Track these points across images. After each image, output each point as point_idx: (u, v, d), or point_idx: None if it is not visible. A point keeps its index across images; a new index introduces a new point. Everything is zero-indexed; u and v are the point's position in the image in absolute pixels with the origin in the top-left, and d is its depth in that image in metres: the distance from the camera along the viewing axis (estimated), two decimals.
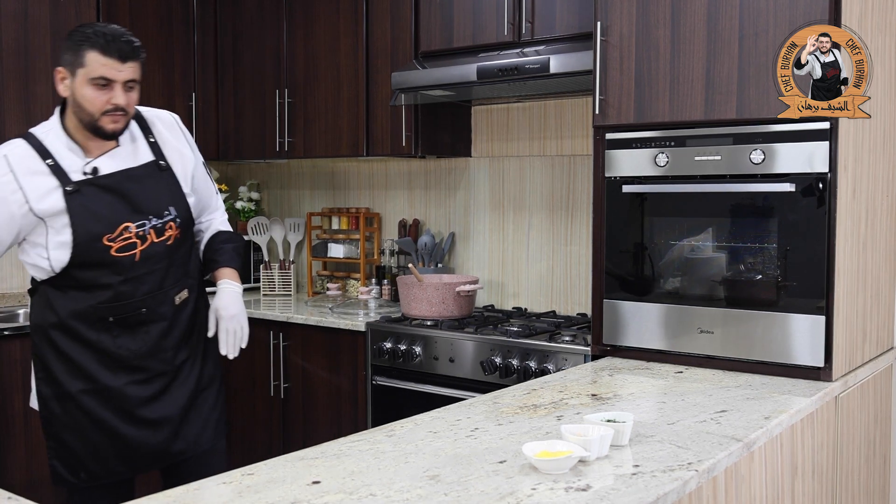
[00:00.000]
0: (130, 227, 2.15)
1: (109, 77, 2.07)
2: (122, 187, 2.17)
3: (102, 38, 2.06)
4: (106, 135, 2.13)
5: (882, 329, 2.69)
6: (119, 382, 2.19)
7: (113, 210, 2.14)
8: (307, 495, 1.41)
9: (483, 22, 3.27)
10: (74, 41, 2.08)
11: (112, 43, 2.06)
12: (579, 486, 1.44)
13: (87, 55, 2.06)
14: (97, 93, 2.08)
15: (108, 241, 2.13)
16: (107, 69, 2.06)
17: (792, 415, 1.98)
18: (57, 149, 2.13)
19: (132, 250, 2.16)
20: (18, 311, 3.76)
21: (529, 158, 3.67)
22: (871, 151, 2.49)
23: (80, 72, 2.07)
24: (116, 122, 2.12)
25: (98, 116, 2.10)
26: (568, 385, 2.23)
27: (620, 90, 2.56)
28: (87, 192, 2.12)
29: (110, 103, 2.09)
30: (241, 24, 4.18)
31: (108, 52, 2.06)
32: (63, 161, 2.12)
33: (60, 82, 2.13)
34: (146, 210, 2.19)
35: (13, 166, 2.09)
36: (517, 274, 3.73)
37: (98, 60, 2.06)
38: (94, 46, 2.06)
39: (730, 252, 2.43)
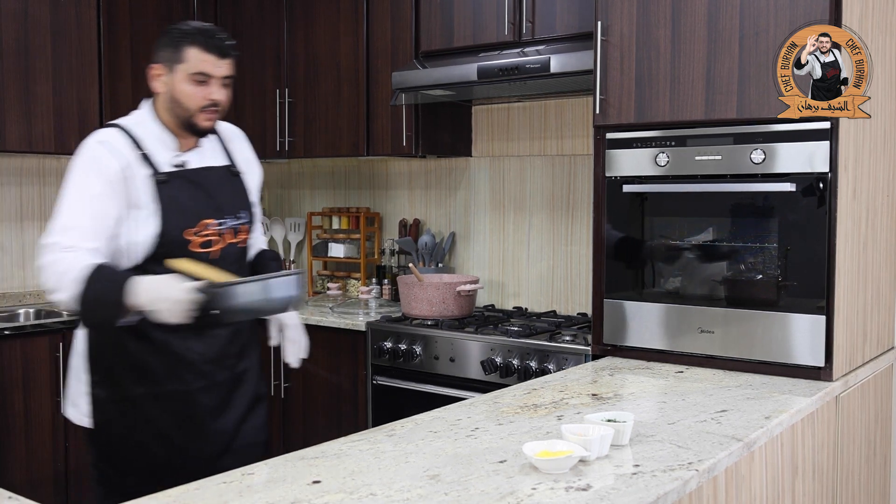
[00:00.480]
0: (211, 223, 2.15)
1: (208, 72, 2.10)
2: (208, 183, 2.18)
3: (203, 34, 2.09)
4: (200, 131, 2.15)
5: (882, 329, 2.69)
6: (186, 388, 2.13)
7: (197, 204, 2.14)
8: (307, 495, 1.41)
9: (483, 21, 3.27)
10: (174, 38, 2.11)
11: (211, 39, 2.10)
12: (580, 486, 1.44)
13: (188, 51, 2.08)
14: (196, 88, 2.10)
15: (189, 236, 2.11)
16: (207, 65, 2.09)
17: (792, 414, 1.98)
18: (147, 140, 2.13)
19: (209, 248, 2.15)
20: (19, 311, 3.76)
21: (530, 158, 3.67)
22: (871, 151, 2.49)
23: (180, 67, 2.10)
24: (210, 118, 2.14)
25: (195, 112, 2.12)
26: (568, 385, 2.23)
27: (621, 90, 2.55)
28: (175, 183, 2.12)
29: (207, 99, 2.11)
30: (242, 23, 4.18)
31: (208, 49, 2.09)
32: (153, 152, 2.13)
33: (155, 78, 2.15)
34: (225, 209, 2.19)
35: (113, 149, 2.08)
36: (517, 274, 3.73)
37: (198, 56, 2.08)
38: (194, 43, 2.08)
39: (730, 252, 2.43)
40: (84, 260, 1.98)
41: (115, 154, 2.07)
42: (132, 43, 3.94)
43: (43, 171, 4.00)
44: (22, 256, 3.93)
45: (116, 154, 2.08)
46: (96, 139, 2.11)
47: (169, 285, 1.92)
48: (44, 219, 4.00)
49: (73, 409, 2.21)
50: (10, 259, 3.90)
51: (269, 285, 1.95)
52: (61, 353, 3.41)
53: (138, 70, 3.97)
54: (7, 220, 3.89)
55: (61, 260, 1.99)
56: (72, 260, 1.98)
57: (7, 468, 3.27)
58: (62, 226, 2.04)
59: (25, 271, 3.95)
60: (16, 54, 3.54)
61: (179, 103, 2.12)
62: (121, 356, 2.11)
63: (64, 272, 1.97)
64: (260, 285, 1.95)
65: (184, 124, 2.14)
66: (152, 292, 1.92)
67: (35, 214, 3.98)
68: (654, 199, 2.55)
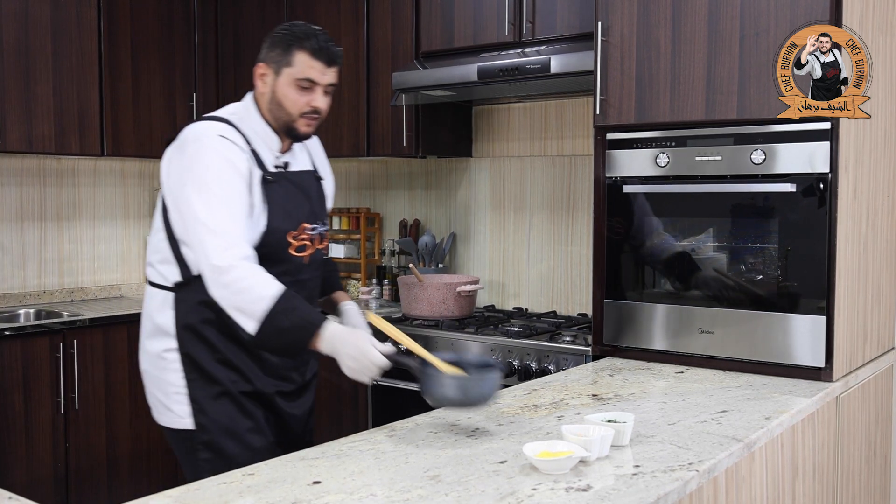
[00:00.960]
0: (307, 227, 2.12)
1: (314, 79, 2.05)
2: (307, 186, 2.16)
3: (314, 39, 2.03)
4: (298, 137, 2.11)
5: (883, 329, 2.69)
6: (271, 390, 2.11)
7: (298, 207, 2.11)
8: (308, 495, 1.41)
9: (484, 22, 3.27)
10: (283, 40, 2.05)
11: (321, 46, 2.04)
12: (580, 487, 1.44)
13: (296, 55, 2.03)
14: (299, 94, 2.05)
15: (290, 238, 2.08)
16: (314, 71, 2.04)
17: (793, 415, 1.98)
18: (252, 137, 2.09)
19: (304, 252, 2.12)
20: (19, 311, 3.76)
21: (530, 158, 3.67)
22: (871, 151, 2.48)
23: (286, 71, 2.05)
24: (310, 125, 2.10)
25: (296, 118, 2.07)
26: (568, 385, 2.23)
27: (621, 90, 2.55)
28: (281, 184, 2.08)
29: (310, 105, 2.06)
30: (242, 24, 4.18)
31: (317, 55, 2.03)
32: (259, 151, 2.08)
33: (259, 78, 2.10)
34: (318, 214, 2.18)
35: (237, 145, 2.02)
36: (518, 274, 3.73)
37: (306, 62, 2.03)
38: (303, 48, 2.03)
39: (730, 252, 2.43)
40: (271, 284, 1.90)
41: (239, 150, 2.01)
42: (133, 43, 3.94)
43: (43, 172, 4.00)
44: (22, 257, 3.93)
45: (240, 150, 2.02)
46: (216, 133, 2.01)
47: (366, 346, 1.84)
48: (44, 219, 4.01)
49: (167, 414, 2.11)
50: (10, 259, 3.90)
51: (469, 383, 1.78)
52: (61, 353, 3.41)
53: (138, 70, 3.97)
54: (7, 221, 3.89)
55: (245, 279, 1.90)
56: (256, 280, 1.90)
57: (7, 468, 3.26)
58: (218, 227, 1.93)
59: (26, 272, 3.95)
60: (16, 54, 3.54)
61: (281, 106, 2.07)
62: (210, 353, 2.06)
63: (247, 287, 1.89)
64: (460, 381, 1.78)
65: (283, 128, 2.09)
66: (349, 347, 1.85)
67: (35, 215, 3.98)
68: (655, 200, 2.55)
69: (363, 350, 1.84)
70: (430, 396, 1.78)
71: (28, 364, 3.33)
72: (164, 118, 4.08)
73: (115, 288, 4.26)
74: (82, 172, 4.14)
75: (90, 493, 3.51)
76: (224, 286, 1.91)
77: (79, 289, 4.12)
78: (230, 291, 1.90)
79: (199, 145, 1.99)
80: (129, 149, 3.96)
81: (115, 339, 3.62)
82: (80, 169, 4.13)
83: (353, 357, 1.85)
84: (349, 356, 1.85)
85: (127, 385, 3.65)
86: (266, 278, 1.91)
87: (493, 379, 1.79)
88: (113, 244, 4.27)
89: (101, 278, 4.23)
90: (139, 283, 4.35)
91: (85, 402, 3.50)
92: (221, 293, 1.92)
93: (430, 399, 1.79)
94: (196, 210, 1.94)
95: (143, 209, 4.40)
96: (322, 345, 1.88)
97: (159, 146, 4.07)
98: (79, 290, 4.11)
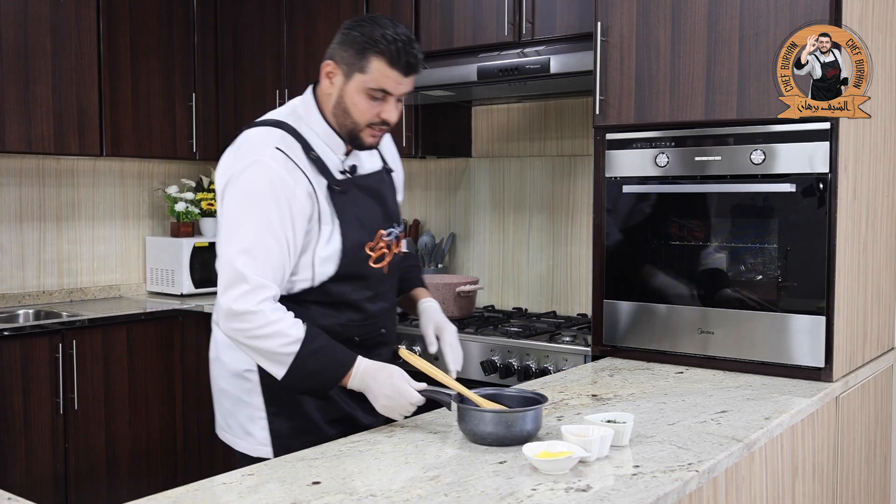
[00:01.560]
0: (383, 234, 1.95)
1: (388, 90, 1.85)
2: (379, 189, 1.98)
3: (394, 46, 1.81)
4: (362, 147, 1.92)
5: (882, 329, 2.69)
6: (356, 413, 1.97)
7: (372, 214, 1.94)
8: (307, 496, 1.41)
9: (483, 22, 3.26)
10: (360, 42, 1.83)
11: (401, 54, 1.82)
12: (579, 487, 1.44)
13: (372, 62, 1.82)
14: (369, 103, 1.85)
15: (369, 250, 1.92)
16: (389, 81, 1.83)
17: (792, 415, 1.98)
18: (314, 141, 1.90)
19: (383, 262, 1.96)
20: (18, 311, 3.76)
21: (530, 159, 3.67)
22: (871, 152, 2.48)
23: (358, 77, 1.84)
24: (377, 136, 1.91)
25: (363, 127, 1.88)
26: (568, 385, 2.23)
27: (621, 90, 2.55)
28: (350, 193, 1.90)
29: (379, 117, 1.87)
30: (242, 24, 4.18)
31: (395, 64, 1.82)
32: (323, 156, 1.90)
33: (326, 77, 1.90)
34: (393, 216, 2.01)
35: (293, 156, 1.83)
36: (517, 274, 3.72)
37: (382, 71, 1.82)
38: (382, 54, 1.81)
39: (730, 252, 2.43)
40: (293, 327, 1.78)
41: (295, 167, 1.82)
42: (132, 43, 3.94)
43: (42, 172, 4.00)
44: (21, 257, 3.93)
45: (296, 167, 1.82)
46: (270, 145, 1.83)
47: (400, 382, 1.75)
48: (43, 219, 4.00)
49: (246, 439, 1.98)
50: (9, 260, 3.90)
51: (511, 417, 1.67)
52: (60, 353, 3.41)
53: (138, 71, 3.97)
54: (6, 221, 3.89)
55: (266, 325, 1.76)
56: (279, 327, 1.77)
57: (6, 469, 3.26)
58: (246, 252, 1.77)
59: (25, 272, 3.95)
60: (15, 55, 3.53)
61: (348, 114, 1.87)
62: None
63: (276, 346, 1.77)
64: (502, 415, 1.68)
65: (346, 135, 1.90)
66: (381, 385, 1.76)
67: (34, 215, 3.98)
68: (654, 200, 2.55)
69: (397, 387, 1.76)
70: (469, 433, 1.68)
71: (27, 364, 3.33)
72: (164, 119, 4.08)
73: (115, 288, 4.26)
74: (81, 173, 4.14)
75: (89, 494, 3.51)
76: (242, 332, 1.79)
77: (78, 289, 4.12)
78: (250, 338, 1.78)
79: (251, 161, 1.81)
80: (128, 149, 3.96)
81: (115, 339, 3.62)
82: (80, 169, 4.13)
83: (386, 395, 1.77)
84: (383, 394, 1.77)
85: (126, 385, 3.65)
86: (288, 322, 1.78)
87: (537, 412, 1.68)
88: (112, 244, 4.27)
89: (101, 279, 4.23)
90: (138, 284, 4.35)
91: (84, 403, 3.49)
92: (238, 337, 1.80)
93: (469, 436, 1.69)
94: (227, 239, 1.81)
95: (143, 209, 4.40)
96: (353, 382, 1.80)
97: (158, 147, 4.08)
98: (78, 291, 4.11)
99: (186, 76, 4.18)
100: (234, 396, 2.00)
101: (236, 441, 2.01)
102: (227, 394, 2.02)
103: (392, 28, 1.83)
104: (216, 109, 4.29)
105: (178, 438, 3.86)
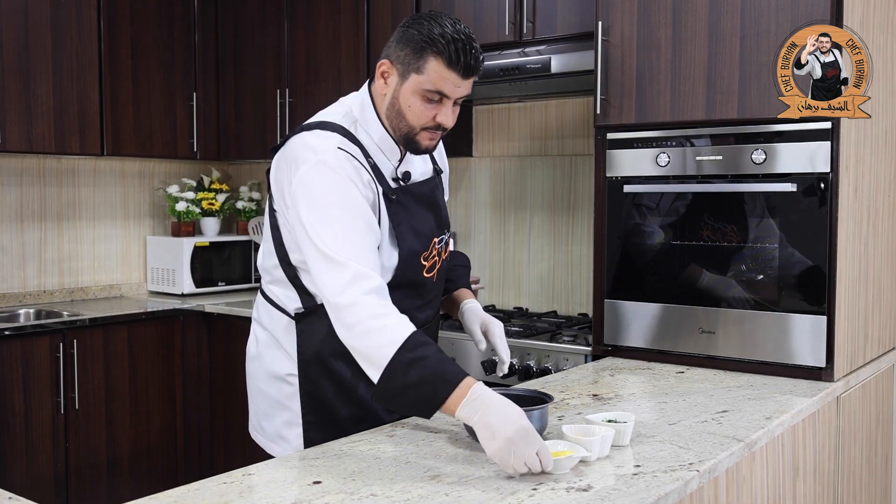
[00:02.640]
0: (436, 242, 1.88)
1: (446, 92, 1.74)
2: (433, 196, 1.91)
3: (453, 45, 1.70)
4: (418, 150, 1.82)
5: (884, 329, 2.69)
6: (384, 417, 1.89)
7: (426, 222, 1.86)
8: (308, 495, 1.41)
9: (484, 22, 3.26)
10: (417, 40, 1.73)
11: (461, 54, 1.71)
12: (580, 487, 1.44)
13: (429, 62, 1.72)
14: (425, 106, 1.76)
15: (424, 260, 1.84)
16: (446, 83, 1.73)
17: (793, 415, 1.98)
18: (370, 147, 1.81)
19: (434, 270, 1.89)
20: (19, 311, 3.76)
21: (531, 158, 3.67)
22: (872, 151, 2.48)
23: (415, 77, 1.74)
24: (433, 139, 1.81)
25: (418, 131, 1.78)
26: (569, 385, 2.23)
27: (622, 90, 2.55)
28: (405, 201, 1.82)
29: (435, 121, 1.77)
30: (242, 24, 4.18)
31: (453, 66, 1.71)
32: (379, 163, 1.81)
33: (381, 76, 1.80)
34: (445, 224, 1.93)
35: (358, 161, 1.75)
36: (518, 274, 3.72)
37: (440, 72, 1.72)
38: (440, 54, 1.71)
39: (731, 252, 2.43)
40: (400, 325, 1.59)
41: (360, 167, 1.74)
42: (133, 43, 3.94)
43: (43, 172, 4.00)
44: (22, 257, 3.93)
45: (360, 167, 1.74)
46: (332, 146, 1.73)
47: (532, 429, 1.47)
48: (44, 219, 4.00)
49: (280, 444, 1.93)
50: (10, 259, 3.90)
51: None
52: (61, 353, 3.41)
53: (138, 70, 3.97)
54: (7, 221, 3.89)
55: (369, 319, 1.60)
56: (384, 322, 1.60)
57: (7, 469, 3.26)
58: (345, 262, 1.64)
59: (26, 271, 3.95)
60: (16, 54, 3.54)
61: (402, 116, 1.78)
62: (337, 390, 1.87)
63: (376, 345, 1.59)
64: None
65: (401, 138, 1.81)
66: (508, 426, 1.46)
67: (35, 215, 3.98)
68: (655, 200, 2.55)
69: (528, 432, 1.46)
70: (473, 433, 1.60)
71: (28, 364, 3.33)
72: (164, 118, 4.09)
73: (116, 288, 4.26)
74: (82, 172, 4.14)
75: (90, 494, 3.51)
76: (348, 328, 1.63)
77: (79, 289, 4.12)
78: (353, 335, 1.62)
79: (316, 161, 1.71)
80: (129, 149, 3.96)
81: (116, 338, 3.62)
82: (80, 169, 4.13)
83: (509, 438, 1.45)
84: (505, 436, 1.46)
85: (127, 385, 3.65)
86: (396, 319, 1.61)
87: (542, 411, 1.66)
88: (113, 244, 4.27)
89: (101, 278, 4.23)
90: (139, 283, 4.35)
91: (85, 402, 3.50)
92: (345, 335, 1.64)
93: (473, 436, 1.62)
94: (314, 238, 1.68)
95: (143, 209, 4.40)
96: (464, 410, 1.51)
97: (159, 146, 4.08)
98: (79, 290, 4.11)
99: (187, 76, 4.18)
100: (273, 399, 1.94)
101: (269, 445, 1.96)
102: (264, 395, 1.96)
103: (452, 27, 1.73)
104: (217, 109, 4.29)
105: (178, 438, 3.86)
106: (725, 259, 2.44)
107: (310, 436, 1.89)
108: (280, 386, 1.92)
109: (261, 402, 1.99)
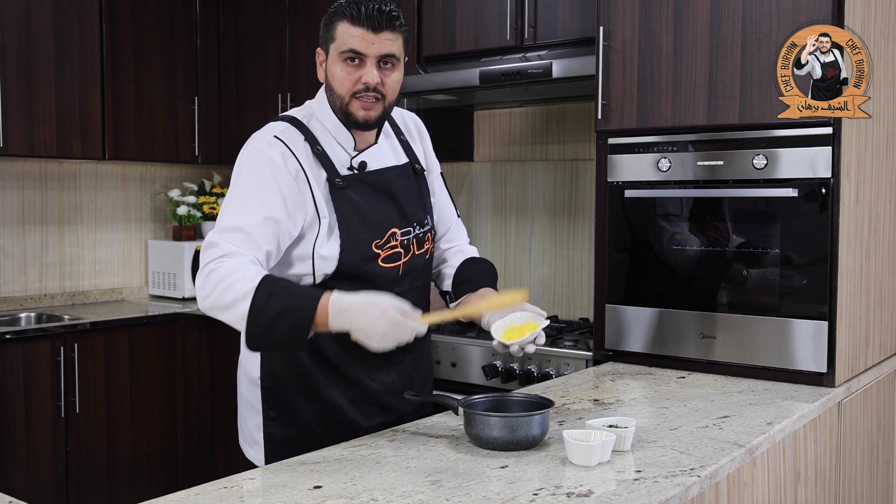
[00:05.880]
0: (396, 233, 1.88)
1: (359, 50, 1.76)
2: (392, 187, 1.90)
3: (355, 4, 1.76)
4: (356, 123, 1.83)
5: (885, 334, 2.68)
6: (367, 423, 1.89)
7: (381, 212, 1.87)
8: (309, 500, 1.41)
9: (486, 27, 3.27)
10: (328, 16, 1.82)
11: (361, 8, 1.76)
12: (581, 492, 1.44)
13: (338, 27, 1.78)
14: (346, 70, 1.78)
15: (377, 249, 1.85)
16: (356, 41, 1.76)
17: (794, 420, 1.98)
18: (322, 136, 1.86)
19: (396, 262, 1.88)
20: (20, 315, 3.76)
21: (532, 163, 3.67)
22: (873, 156, 2.48)
23: (332, 48, 1.80)
24: (368, 107, 1.81)
25: (348, 99, 1.80)
26: (570, 390, 2.23)
27: (623, 95, 2.55)
28: (355, 188, 1.84)
29: (360, 82, 1.78)
30: (244, 27, 4.18)
31: (356, 20, 1.76)
32: (329, 151, 1.86)
33: (319, 66, 1.87)
34: (411, 216, 1.92)
35: (291, 145, 1.81)
36: (519, 278, 3.72)
37: (347, 31, 1.77)
38: (344, 16, 1.77)
39: (732, 257, 2.43)
40: (251, 270, 1.66)
41: (290, 155, 1.80)
42: (134, 46, 3.95)
43: (45, 176, 4.00)
44: (24, 260, 3.93)
45: (291, 155, 1.80)
46: (270, 134, 1.83)
47: (395, 316, 1.58)
48: (45, 223, 4.01)
49: (253, 447, 1.95)
50: (11, 263, 3.90)
51: (517, 422, 1.66)
52: (62, 357, 3.41)
53: (140, 74, 3.98)
54: (9, 224, 3.89)
55: (221, 269, 1.67)
56: (236, 270, 1.66)
57: (8, 472, 3.26)
58: (224, 227, 1.74)
59: (27, 275, 3.95)
60: (18, 58, 3.54)
61: (332, 89, 1.82)
62: (303, 388, 1.87)
63: (227, 286, 1.64)
64: (507, 420, 1.66)
65: (341, 116, 1.84)
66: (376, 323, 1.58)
67: (37, 218, 3.98)
68: (656, 205, 2.55)
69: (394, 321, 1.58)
70: (475, 438, 1.66)
71: (29, 368, 3.33)
72: (166, 122, 4.09)
73: (117, 291, 4.26)
74: (84, 176, 4.15)
75: (91, 498, 3.51)
76: (209, 292, 1.67)
77: (80, 292, 4.12)
78: (216, 295, 1.66)
79: (249, 149, 1.84)
80: (130, 152, 3.97)
81: (116, 342, 3.62)
82: (82, 172, 4.14)
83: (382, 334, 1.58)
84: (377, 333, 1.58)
85: (128, 389, 3.65)
86: (250, 270, 1.66)
87: (543, 417, 1.67)
88: (114, 248, 4.27)
89: (103, 282, 4.23)
90: (140, 287, 4.36)
91: (86, 406, 3.49)
92: (206, 303, 1.69)
93: (475, 441, 1.66)
94: (224, 210, 1.79)
95: (145, 213, 4.40)
96: (335, 322, 1.60)
97: (161, 150, 4.09)
98: (80, 294, 4.11)
99: (189, 79, 4.19)
100: (248, 403, 1.98)
101: (246, 448, 1.99)
102: (243, 400, 2.00)
103: None
104: (218, 113, 4.30)
105: (179, 442, 3.86)
106: (727, 264, 2.44)
107: (270, 432, 1.90)
108: (253, 389, 1.96)
109: (241, 407, 2.02)
